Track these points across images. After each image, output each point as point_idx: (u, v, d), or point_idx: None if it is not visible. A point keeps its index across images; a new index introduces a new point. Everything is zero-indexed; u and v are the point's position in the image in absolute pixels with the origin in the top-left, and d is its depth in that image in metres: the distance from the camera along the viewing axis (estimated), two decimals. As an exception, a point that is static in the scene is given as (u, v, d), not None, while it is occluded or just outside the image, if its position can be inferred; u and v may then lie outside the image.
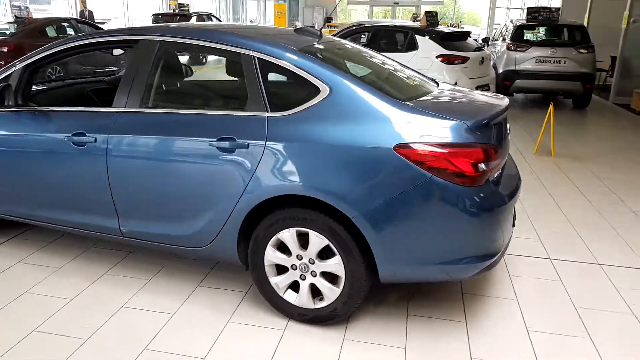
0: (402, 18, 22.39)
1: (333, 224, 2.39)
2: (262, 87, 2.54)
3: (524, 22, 9.70)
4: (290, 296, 2.62)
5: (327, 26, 21.95)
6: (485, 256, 2.42)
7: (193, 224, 2.68)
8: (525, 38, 9.44)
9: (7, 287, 2.90)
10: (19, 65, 3.09)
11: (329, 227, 2.40)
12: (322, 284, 2.52)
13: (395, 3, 22.83)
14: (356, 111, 2.38)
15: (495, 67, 9.11)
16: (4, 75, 3.13)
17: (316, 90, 2.46)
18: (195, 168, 2.59)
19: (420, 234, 2.33)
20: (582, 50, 8.98)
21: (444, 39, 7.92)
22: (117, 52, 9.96)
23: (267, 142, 2.44)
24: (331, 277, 2.52)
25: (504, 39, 9.95)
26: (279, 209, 2.50)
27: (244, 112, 2.55)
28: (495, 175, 2.53)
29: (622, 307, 2.80)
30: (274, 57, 2.56)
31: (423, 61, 7.72)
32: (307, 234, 2.47)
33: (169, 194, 2.68)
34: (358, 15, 31.35)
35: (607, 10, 12.04)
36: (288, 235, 2.50)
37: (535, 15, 9.69)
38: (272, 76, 2.65)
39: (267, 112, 2.50)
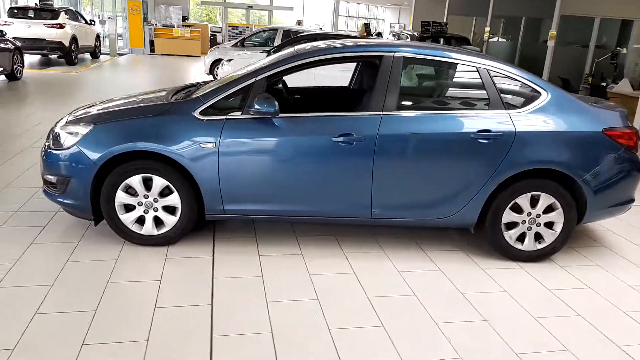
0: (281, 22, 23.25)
1: (559, 187, 3.46)
2: (498, 92, 3.45)
3: (419, 33, 11.66)
4: (517, 244, 3.59)
5: (183, 25, 21.70)
6: (631, 200, 3.75)
7: (445, 199, 3.45)
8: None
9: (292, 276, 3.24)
10: (261, 76, 3.38)
11: (556, 189, 3.46)
12: (546, 231, 3.56)
13: (249, 6, 23.60)
14: (569, 108, 3.49)
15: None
16: (242, 86, 3.38)
17: (538, 94, 3.49)
18: (455, 154, 3.39)
19: (613, 187, 3.54)
20: (468, 58, 11.27)
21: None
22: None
23: (516, 132, 3.37)
24: (550, 225, 3.57)
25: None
26: (518, 181, 3.45)
27: (490, 111, 3.44)
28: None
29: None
30: (503, 69, 3.50)
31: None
32: (537, 197, 3.48)
33: (428, 177, 3.41)
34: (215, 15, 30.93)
35: (459, 25, 14.94)
36: (524, 199, 3.48)
37: (428, 28, 11.74)
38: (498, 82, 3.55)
39: (506, 110, 3.43)
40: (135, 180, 3.36)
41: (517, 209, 3.52)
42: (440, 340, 2.66)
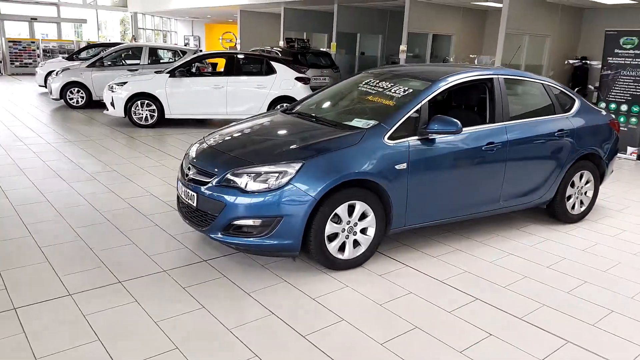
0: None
1: (593, 165, 4.89)
2: (558, 100, 4.69)
3: (286, 49, 12.47)
4: (572, 211, 4.89)
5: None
6: (612, 170, 5.42)
7: (542, 184, 4.53)
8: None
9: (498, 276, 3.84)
10: (425, 99, 3.86)
11: (592, 167, 4.88)
12: (585, 198, 4.95)
13: (33, 19, 20.54)
14: (590, 110, 4.96)
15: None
16: (415, 109, 3.80)
17: (574, 100, 4.85)
18: (549, 149, 4.51)
19: (611, 160, 5.13)
20: (334, 70, 12.59)
21: (288, 63, 9.86)
22: None
23: (575, 129, 4.66)
24: (585, 193, 4.96)
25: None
26: (574, 164, 4.73)
27: (556, 115, 4.63)
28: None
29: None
30: (553, 85, 4.75)
31: (286, 83, 9.38)
32: (582, 174, 4.85)
33: (535, 169, 4.46)
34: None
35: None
36: (577, 177, 4.82)
37: (292, 45, 12.61)
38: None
39: (562, 113, 4.69)
40: (342, 209, 3.49)
41: (572, 185, 4.82)
42: (598, 274, 3.71)
